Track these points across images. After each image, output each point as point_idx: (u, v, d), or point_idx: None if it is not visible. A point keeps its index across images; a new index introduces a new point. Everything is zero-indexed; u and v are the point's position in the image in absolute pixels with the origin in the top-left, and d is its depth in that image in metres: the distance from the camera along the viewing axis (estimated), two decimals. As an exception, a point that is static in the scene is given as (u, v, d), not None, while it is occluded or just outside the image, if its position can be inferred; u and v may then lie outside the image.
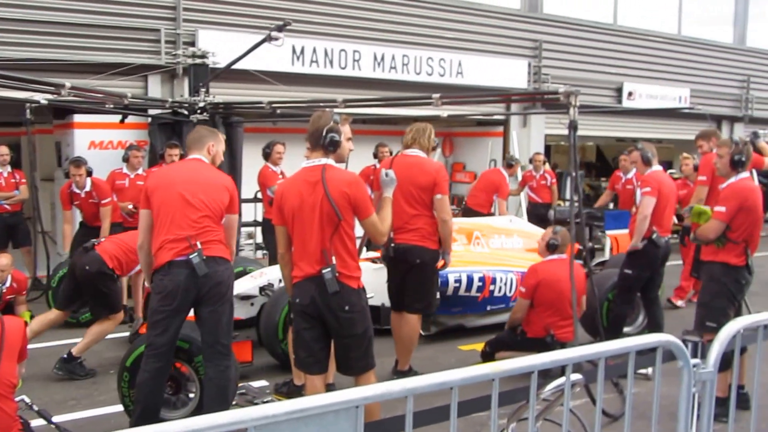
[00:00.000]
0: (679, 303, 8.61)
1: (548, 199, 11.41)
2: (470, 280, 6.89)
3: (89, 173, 7.73)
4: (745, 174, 5.10)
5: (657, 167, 6.41)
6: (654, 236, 6.20)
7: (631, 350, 2.61)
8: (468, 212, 10.08)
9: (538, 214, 11.40)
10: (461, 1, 12.49)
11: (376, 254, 6.61)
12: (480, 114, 11.56)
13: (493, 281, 7.04)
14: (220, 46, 8.86)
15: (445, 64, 11.96)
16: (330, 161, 3.99)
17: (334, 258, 3.88)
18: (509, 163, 10.69)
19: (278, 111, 7.96)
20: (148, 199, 4.18)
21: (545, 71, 13.20)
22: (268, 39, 7.32)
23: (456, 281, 6.81)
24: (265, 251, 9.37)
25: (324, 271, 3.85)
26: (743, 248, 4.99)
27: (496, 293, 7.06)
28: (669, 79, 15.17)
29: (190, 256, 4.02)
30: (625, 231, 7.74)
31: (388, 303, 5.96)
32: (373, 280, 5.90)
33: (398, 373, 5.69)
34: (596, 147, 20.70)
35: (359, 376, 4.07)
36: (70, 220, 7.94)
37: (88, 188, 7.73)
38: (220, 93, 8.69)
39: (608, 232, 9.09)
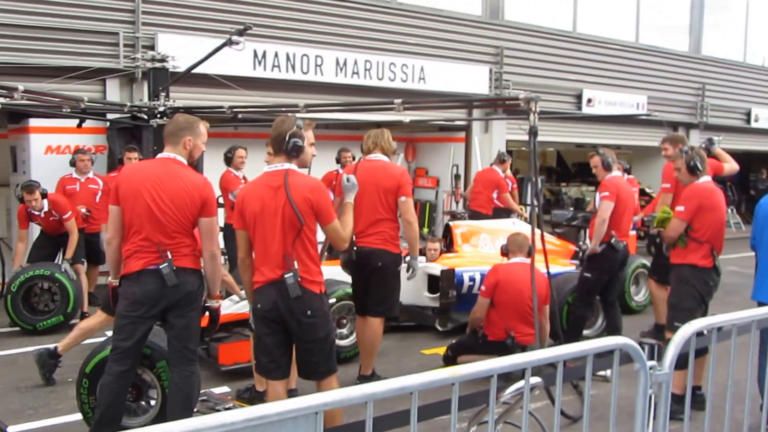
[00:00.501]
0: None
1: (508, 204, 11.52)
2: (483, 279, 6.95)
3: (44, 195, 7.46)
4: (706, 178, 5.26)
5: (616, 173, 6.53)
6: (613, 240, 6.31)
7: (589, 353, 2.64)
8: (472, 215, 10.26)
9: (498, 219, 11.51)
10: (423, 7, 12.56)
11: None
12: (442, 119, 11.64)
13: None
14: (180, 49, 8.73)
15: (408, 69, 12.02)
16: (293, 166, 3.99)
17: (296, 263, 3.87)
18: (502, 159, 10.67)
19: (240, 116, 7.88)
20: (117, 197, 4.05)
21: (506, 77, 13.35)
22: (229, 43, 7.24)
23: (470, 280, 7.25)
24: (226, 257, 9.26)
25: (286, 275, 3.84)
26: (709, 249, 5.12)
27: None
28: (627, 86, 15.45)
29: (161, 266, 3.97)
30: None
31: (405, 301, 6.14)
32: None
33: (361, 378, 5.71)
34: (557, 152, 21.02)
35: (321, 381, 4.06)
36: (24, 238, 7.72)
37: (46, 209, 7.54)
38: (181, 97, 8.57)
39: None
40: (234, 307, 6.46)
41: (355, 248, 5.50)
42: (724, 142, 7.72)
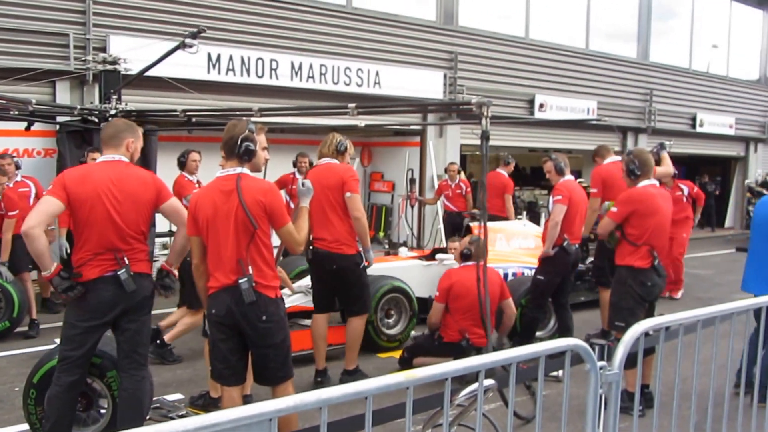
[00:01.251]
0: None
1: (463, 207, 11.63)
2: (506, 275, 7.80)
3: (18, 166, 7.36)
4: (648, 181, 5.35)
5: (569, 177, 6.66)
6: (565, 243, 6.43)
7: (541, 354, 2.67)
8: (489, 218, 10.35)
9: (453, 223, 11.60)
10: (379, 12, 12.61)
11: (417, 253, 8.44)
12: (397, 124, 11.68)
13: (523, 275, 8.01)
14: (132, 52, 8.57)
15: (363, 74, 12.04)
16: (245, 170, 3.97)
17: (250, 267, 3.86)
18: (506, 162, 11.15)
19: (194, 119, 7.79)
20: (67, 195, 3.89)
21: (460, 82, 13.47)
22: (182, 46, 7.15)
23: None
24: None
25: (240, 281, 3.82)
26: (647, 251, 5.22)
27: None
28: (578, 91, 15.74)
29: (119, 272, 3.91)
30: None
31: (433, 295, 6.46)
32: (421, 276, 7.58)
33: (344, 372, 5.86)
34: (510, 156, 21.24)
35: (276, 387, 4.04)
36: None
37: (10, 184, 7.34)
38: (133, 100, 8.42)
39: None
40: (288, 299, 6.67)
41: (311, 248, 5.60)
42: (672, 146, 7.95)
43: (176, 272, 4.32)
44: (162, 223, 9.28)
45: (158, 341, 6.27)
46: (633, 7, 17.57)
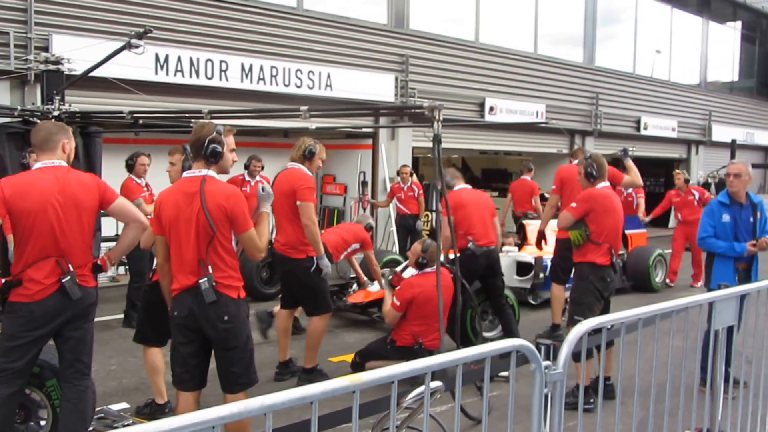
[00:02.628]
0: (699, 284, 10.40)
1: (416, 210, 11.69)
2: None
3: None
4: (604, 184, 5.68)
5: (462, 185, 6.99)
6: (470, 245, 6.59)
7: (487, 356, 2.68)
8: (517, 219, 11.70)
9: (406, 225, 11.66)
10: (329, 14, 12.56)
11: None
12: (349, 126, 11.67)
13: None
14: (76, 51, 8.35)
15: (314, 76, 11.97)
16: (211, 172, 3.96)
17: (210, 267, 3.85)
18: (528, 168, 12.24)
19: (140, 121, 7.63)
20: (7, 209, 3.77)
21: (412, 85, 13.52)
22: (128, 46, 7.01)
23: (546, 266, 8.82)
24: (126, 266, 8.95)
25: (200, 280, 3.83)
26: (607, 249, 5.52)
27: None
28: (527, 95, 15.97)
29: (63, 280, 3.82)
30: (640, 230, 11.29)
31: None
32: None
33: (303, 371, 6.01)
34: (462, 159, 21.46)
35: (228, 394, 4.01)
36: None
37: None
38: (77, 101, 8.18)
39: (628, 232, 10.52)
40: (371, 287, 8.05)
41: (270, 247, 5.64)
42: (614, 149, 8.14)
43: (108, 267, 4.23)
44: (109, 227, 9.15)
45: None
46: (579, 12, 17.92)
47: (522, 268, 9.14)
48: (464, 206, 6.70)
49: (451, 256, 5.75)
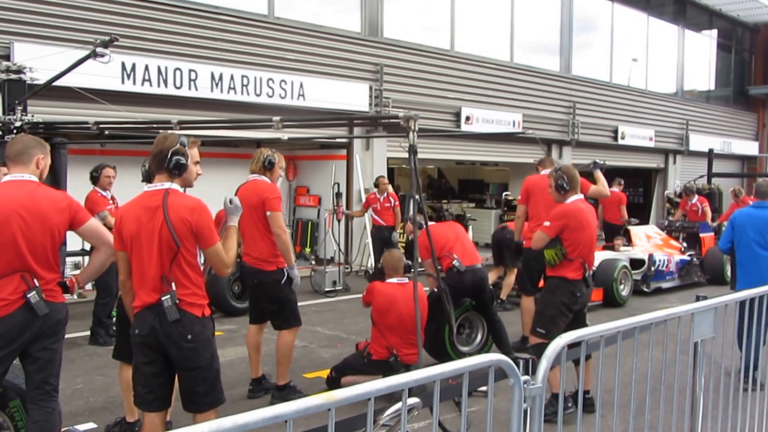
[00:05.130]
0: None
1: (392, 222, 11.58)
2: (662, 260, 11.62)
3: None
4: (576, 196, 5.57)
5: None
6: (456, 263, 6.60)
7: (465, 371, 2.65)
8: (606, 226, 13.44)
9: (381, 237, 11.53)
10: (302, 22, 12.45)
11: None
12: (323, 137, 11.55)
13: (670, 261, 11.85)
14: (39, 60, 8.15)
15: (287, 85, 11.81)
16: (174, 186, 3.83)
17: (174, 285, 3.72)
18: (620, 182, 14.16)
19: (106, 132, 7.44)
20: None
21: (386, 95, 13.42)
22: (93, 55, 6.84)
23: (659, 260, 11.49)
24: (92, 281, 8.70)
25: (163, 298, 3.70)
26: (580, 263, 5.44)
27: (673, 267, 11.95)
28: (503, 104, 15.96)
29: (28, 295, 3.67)
30: (709, 234, 13.31)
31: None
32: None
33: (276, 388, 5.89)
34: (438, 170, 21.43)
35: (197, 414, 3.88)
36: None
37: None
38: (40, 111, 7.97)
39: (702, 235, 13.18)
40: None
41: (238, 261, 5.56)
42: (592, 158, 8.09)
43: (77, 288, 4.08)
44: (74, 241, 8.90)
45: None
46: (555, 20, 18.00)
47: (635, 263, 11.24)
48: (438, 229, 6.78)
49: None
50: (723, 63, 25.26)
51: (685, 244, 12.93)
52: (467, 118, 15.01)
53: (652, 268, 11.39)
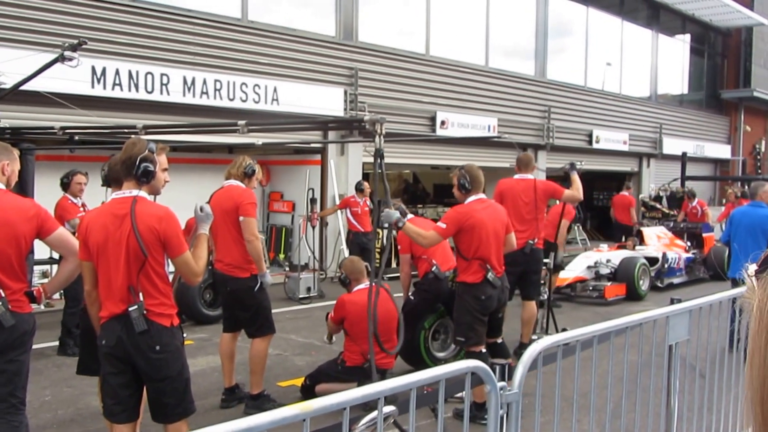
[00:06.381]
0: None
1: (369, 228, 11.50)
2: (673, 258, 12.69)
3: None
4: (476, 196, 5.51)
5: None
6: (434, 269, 6.61)
7: (441, 378, 2.66)
8: (618, 226, 15.09)
9: (359, 243, 11.42)
10: (275, 26, 12.34)
11: None
12: (297, 142, 11.43)
13: (680, 259, 12.90)
14: (5, 64, 7.99)
15: (260, 90, 11.69)
16: (142, 193, 3.76)
17: (141, 295, 3.65)
18: (628, 186, 16.07)
19: (76, 137, 7.29)
20: None
21: (362, 99, 13.34)
22: (61, 59, 6.70)
23: (671, 257, 12.56)
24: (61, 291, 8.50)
25: (130, 308, 3.63)
26: (479, 265, 5.37)
27: (682, 265, 12.97)
28: (478, 108, 15.95)
29: None
30: (711, 233, 14.45)
31: None
32: None
33: (249, 397, 5.82)
34: (413, 174, 21.40)
35: (168, 425, 3.82)
36: None
37: None
38: (7, 116, 7.81)
39: (704, 235, 14.31)
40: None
41: (210, 268, 5.65)
42: (582, 165, 8.07)
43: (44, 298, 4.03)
44: (42, 250, 8.70)
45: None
46: (530, 24, 18.07)
47: (649, 261, 12.09)
48: (421, 223, 6.61)
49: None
50: (696, 67, 25.59)
51: (689, 243, 13.93)
52: (443, 123, 14.97)
53: (666, 266, 12.45)
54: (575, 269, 11.25)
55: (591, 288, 11.16)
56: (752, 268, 0.63)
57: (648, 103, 22.42)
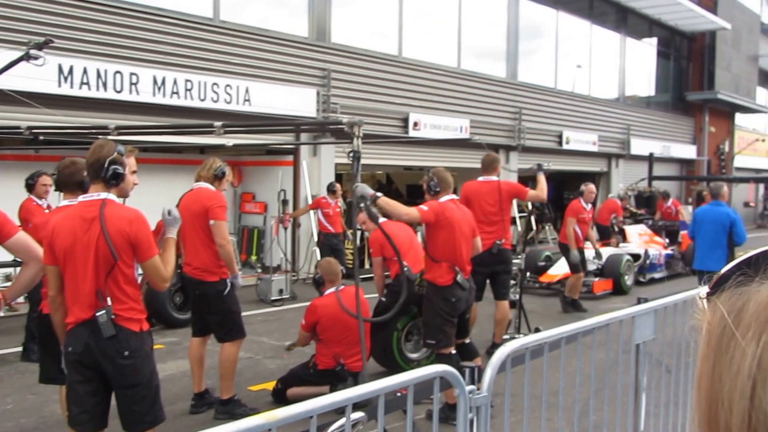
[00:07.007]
0: None
1: (341, 229, 11.48)
2: (654, 254, 13.26)
3: None
4: (448, 197, 5.52)
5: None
6: (405, 270, 6.44)
7: (410, 383, 2.66)
8: (599, 228, 14.57)
9: (330, 244, 11.39)
10: (248, 26, 12.23)
11: None
12: (269, 142, 11.37)
13: (660, 255, 13.47)
14: (-32, 63, 7.83)
15: (232, 90, 11.59)
16: (111, 196, 3.69)
17: (109, 299, 3.57)
18: (621, 197, 15.83)
19: (41, 137, 7.15)
20: None
21: (334, 100, 13.30)
22: (27, 57, 6.58)
23: (651, 254, 13.11)
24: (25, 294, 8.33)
25: (98, 313, 3.55)
26: (448, 267, 5.35)
27: (662, 261, 13.54)
28: (451, 110, 16.01)
29: None
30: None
31: None
32: None
33: (220, 402, 5.74)
34: (387, 175, 21.42)
35: None
36: None
37: None
38: (-30, 116, 7.68)
39: (682, 232, 14.30)
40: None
41: (178, 272, 5.60)
42: (550, 166, 8.12)
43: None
44: (4, 253, 8.54)
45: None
46: (501, 27, 18.19)
47: (633, 257, 12.63)
48: (392, 228, 6.59)
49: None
50: (662, 70, 25.99)
51: (667, 240, 14.56)
52: (415, 124, 15.00)
53: (648, 261, 13.07)
54: (564, 266, 11.46)
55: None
56: (704, 290, 0.63)
57: (616, 104, 22.71)
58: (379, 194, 5.19)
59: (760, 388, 0.56)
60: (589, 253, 11.47)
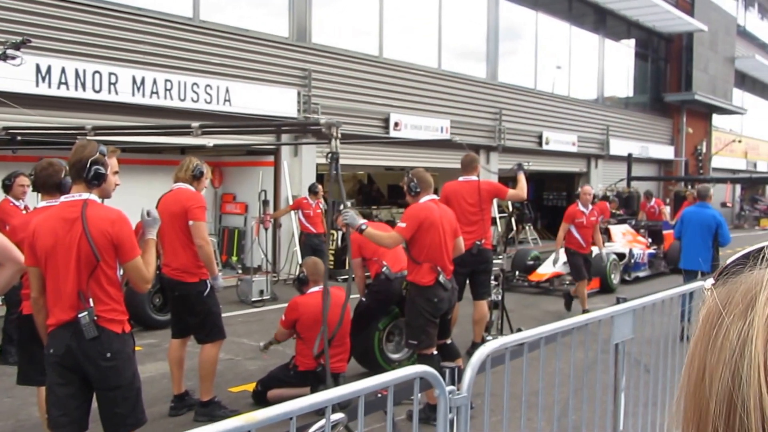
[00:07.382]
0: None
1: (322, 229, 11.47)
2: (638, 254, 13.74)
3: None
4: (429, 197, 5.56)
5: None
6: (384, 270, 6.58)
7: (390, 384, 2.66)
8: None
9: (311, 245, 11.37)
10: (228, 26, 12.17)
11: None
12: (250, 143, 11.31)
13: (644, 254, 14.02)
14: (-56, 62, 7.72)
15: (212, 90, 11.52)
16: (92, 196, 3.68)
17: (91, 301, 3.56)
18: (610, 199, 16.39)
19: (18, 138, 7.08)
20: None
21: (315, 101, 13.27)
22: (3, 57, 6.51)
23: (635, 253, 13.56)
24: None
25: (80, 315, 3.53)
26: (430, 267, 5.37)
27: (645, 260, 14.06)
28: (431, 110, 16.04)
29: None
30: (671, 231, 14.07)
31: None
32: None
33: (200, 404, 5.71)
34: (368, 175, 21.42)
35: None
36: None
37: None
38: (-55, 116, 7.57)
39: (664, 232, 14.95)
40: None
41: (158, 272, 5.44)
42: (530, 165, 8.16)
43: None
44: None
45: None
46: (482, 28, 18.25)
47: (617, 257, 13.05)
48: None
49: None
50: (640, 71, 26.21)
51: (650, 240, 14.97)
52: (396, 124, 15.01)
53: (632, 260, 13.54)
54: (551, 265, 11.81)
55: (568, 282, 11.70)
56: (710, 282, 0.66)
57: (595, 105, 22.88)
58: (364, 225, 5.28)
59: (739, 357, 0.58)
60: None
